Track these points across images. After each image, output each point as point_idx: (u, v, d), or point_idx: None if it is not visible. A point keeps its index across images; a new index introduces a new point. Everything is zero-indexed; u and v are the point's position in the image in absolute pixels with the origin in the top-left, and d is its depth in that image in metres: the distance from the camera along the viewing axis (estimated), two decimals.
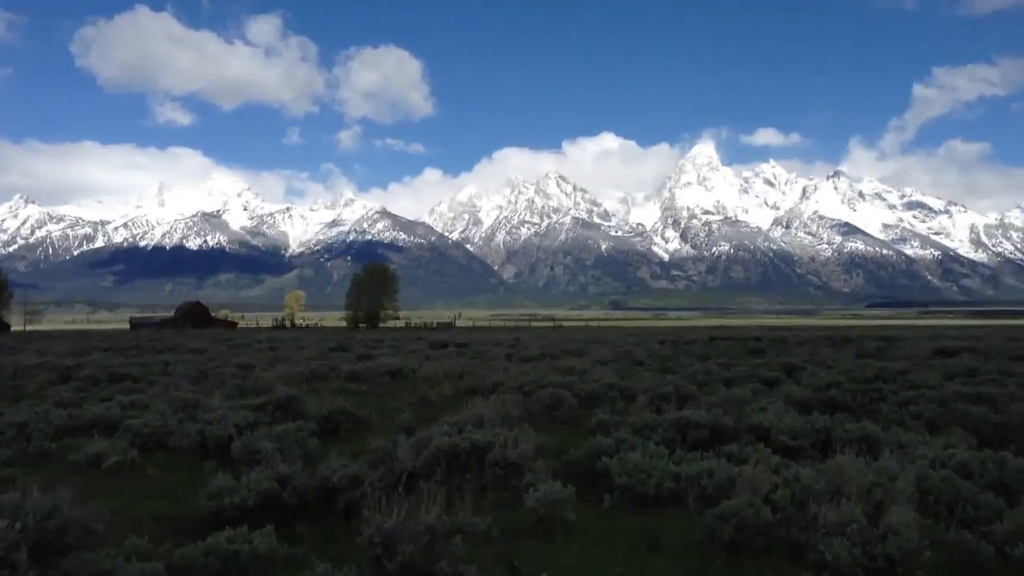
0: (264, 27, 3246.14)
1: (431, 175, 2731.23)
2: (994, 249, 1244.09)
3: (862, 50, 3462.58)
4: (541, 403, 16.96)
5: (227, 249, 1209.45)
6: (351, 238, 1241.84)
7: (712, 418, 12.94)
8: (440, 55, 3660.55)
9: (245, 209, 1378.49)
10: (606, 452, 10.63)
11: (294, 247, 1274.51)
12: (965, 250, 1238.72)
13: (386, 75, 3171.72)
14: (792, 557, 7.40)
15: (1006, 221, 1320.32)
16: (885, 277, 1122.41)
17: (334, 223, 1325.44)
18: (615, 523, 8.72)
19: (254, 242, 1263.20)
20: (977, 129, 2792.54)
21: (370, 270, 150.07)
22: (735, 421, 13.02)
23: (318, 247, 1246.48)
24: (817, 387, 18.72)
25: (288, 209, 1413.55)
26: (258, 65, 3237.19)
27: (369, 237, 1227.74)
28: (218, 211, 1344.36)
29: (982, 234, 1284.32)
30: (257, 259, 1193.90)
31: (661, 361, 30.55)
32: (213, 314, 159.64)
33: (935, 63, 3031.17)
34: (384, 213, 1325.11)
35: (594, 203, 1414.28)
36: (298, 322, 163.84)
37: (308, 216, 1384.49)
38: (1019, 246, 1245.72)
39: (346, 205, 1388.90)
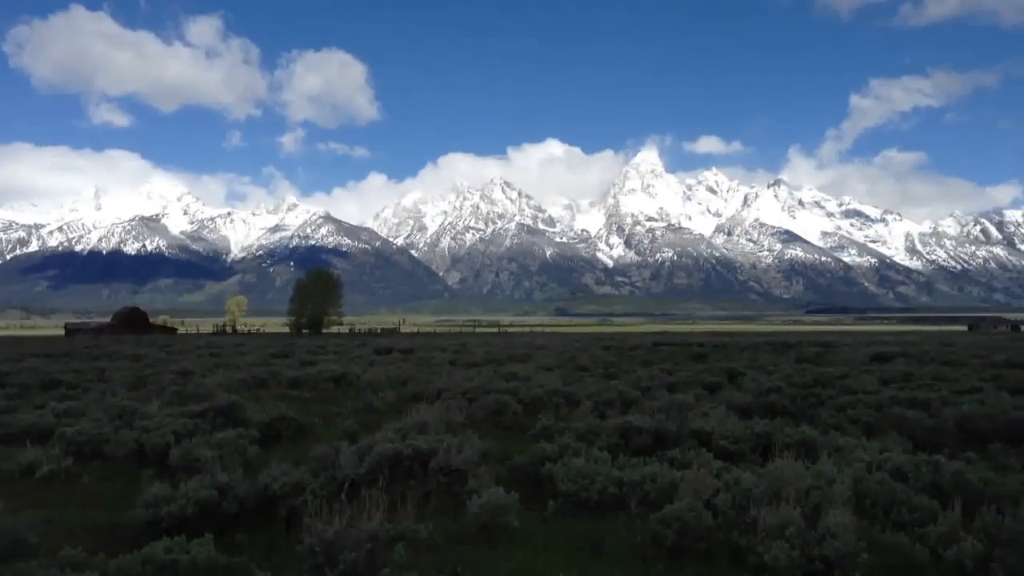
0: (204, 28, 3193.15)
1: (376, 180, 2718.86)
2: (928, 257, 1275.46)
3: (801, 60, 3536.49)
4: (485, 409, 16.93)
5: (166, 254, 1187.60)
6: (294, 243, 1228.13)
7: (655, 423, 13.06)
8: (385, 59, 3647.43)
9: (185, 213, 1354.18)
10: (550, 458, 10.65)
11: (236, 252, 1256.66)
12: (900, 258, 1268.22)
13: (329, 79, 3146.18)
14: (733, 560, 7.48)
15: (939, 230, 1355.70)
16: (824, 284, 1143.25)
17: (277, 228, 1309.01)
18: (559, 529, 8.73)
19: (194, 247, 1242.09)
20: (912, 139, 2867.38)
21: (313, 276, 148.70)
22: (678, 426, 13.14)
23: (260, 252, 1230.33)
24: (758, 392, 18.99)
25: (229, 213, 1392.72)
26: (198, 67, 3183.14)
27: (313, 242, 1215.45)
28: (157, 215, 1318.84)
29: (917, 242, 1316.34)
30: (197, 264, 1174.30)
31: (605, 367, 30.73)
32: (152, 320, 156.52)
33: (871, 74, 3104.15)
34: (328, 218, 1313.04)
35: (539, 209, 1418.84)
36: (240, 328, 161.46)
37: (250, 221, 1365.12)
38: (952, 254, 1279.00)
39: (289, 210, 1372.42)
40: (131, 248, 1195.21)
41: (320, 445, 11.17)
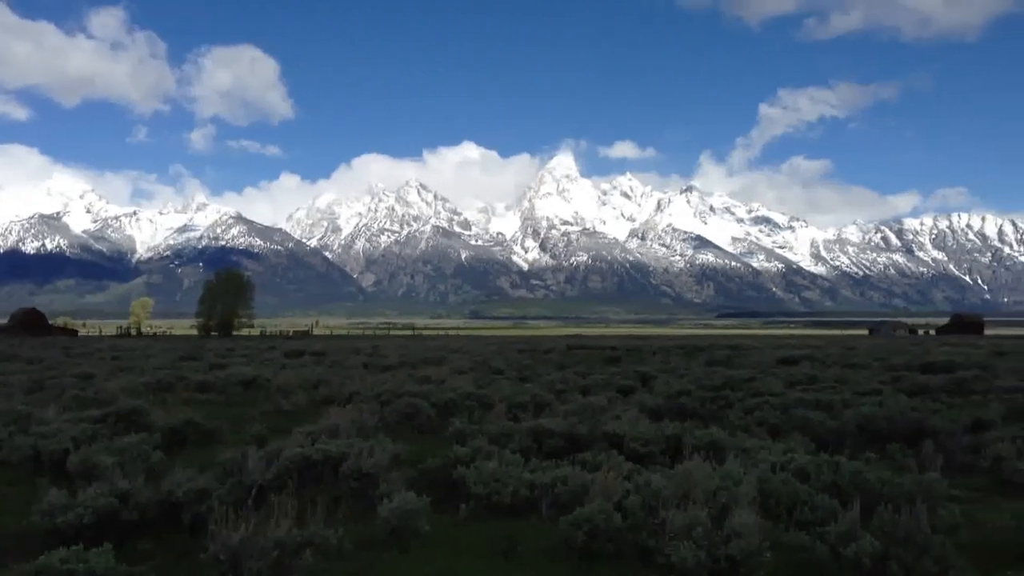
0: (107, 20, 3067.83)
1: (288, 180, 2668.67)
2: (832, 263, 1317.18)
3: (713, 69, 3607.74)
4: (398, 412, 16.82)
5: (68, 253, 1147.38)
6: (204, 244, 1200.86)
7: (568, 426, 13.14)
8: (298, 56, 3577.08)
9: (88, 211, 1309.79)
10: (462, 461, 10.61)
11: (141, 252, 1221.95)
12: (806, 263, 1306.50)
13: (240, 75, 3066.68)
14: (641, 561, 7.56)
15: (843, 236, 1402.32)
16: (734, 288, 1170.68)
17: (185, 228, 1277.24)
18: (471, 532, 8.71)
19: (97, 246, 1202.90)
20: (818, 148, 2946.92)
21: (223, 277, 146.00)
22: (590, 429, 13.25)
23: (168, 253, 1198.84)
24: (669, 395, 19.27)
25: (135, 212, 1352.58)
26: (102, 60, 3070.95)
27: (223, 243, 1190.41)
28: (58, 213, 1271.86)
29: (822, 248, 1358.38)
30: (101, 264, 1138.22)
31: (519, 370, 30.86)
32: (51, 321, 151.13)
33: (779, 84, 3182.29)
34: (239, 218, 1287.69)
35: (455, 212, 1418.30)
36: (145, 330, 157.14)
37: (157, 220, 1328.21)
38: (854, 260, 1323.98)
39: (198, 209, 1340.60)
40: (30, 247, 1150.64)
41: (228, 450, 10.93)
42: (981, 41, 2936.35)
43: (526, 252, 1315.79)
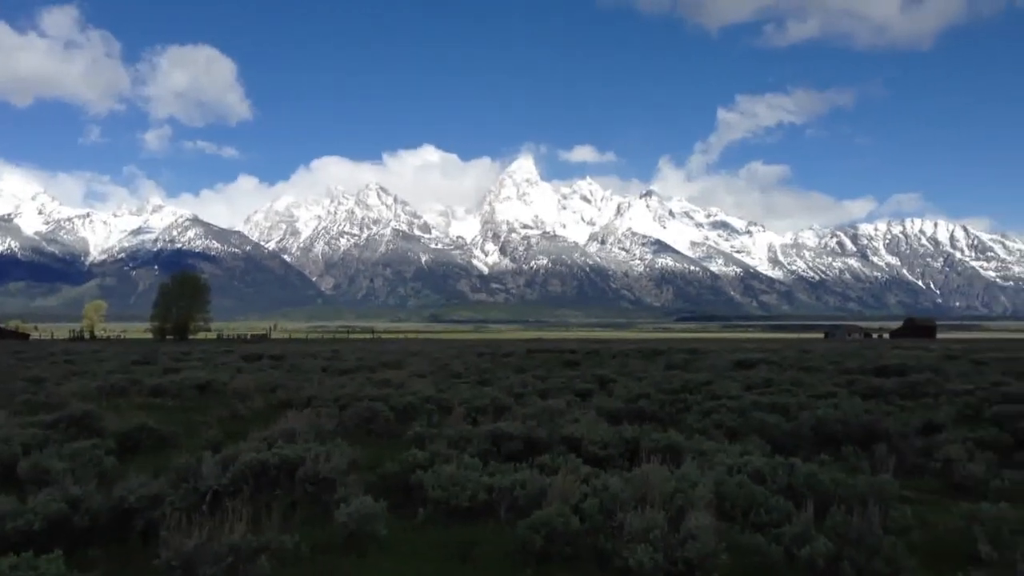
0: (60, 18, 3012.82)
1: (246, 182, 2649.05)
2: (789, 267, 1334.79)
3: (672, 74, 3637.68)
4: (357, 416, 16.70)
5: (19, 256, 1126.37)
6: (159, 246, 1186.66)
7: (526, 430, 13.13)
8: (256, 57, 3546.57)
9: (40, 213, 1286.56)
10: (421, 465, 10.56)
11: (95, 255, 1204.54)
12: (764, 268, 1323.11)
13: (196, 75, 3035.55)
14: (599, 564, 7.58)
15: (799, 241, 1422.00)
16: (692, 292, 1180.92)
17: (140, 230, 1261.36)
18: (428, 536, 8.67)
19: (49, 249, 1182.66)
20: (776, 153, 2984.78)
21: (179, 280, 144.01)
22: (549, 432, 13.25)
23: (122, 255, 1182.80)
24: (628, 398, 19.34)
25: (88, 214, 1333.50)
26: (56, 59, 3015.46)
27: (179, 245, 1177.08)
28: (9, 215, 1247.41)
29: (779, 253, 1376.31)
30: (52, 267, 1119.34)
31: (479, 373, 30.82)
32: (2, 325, 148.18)
33: (738, 90, 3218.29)
34: (195, 221, 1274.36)
35: (415, 215, 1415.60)
36: (98, 334, 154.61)
37: (111, 222, 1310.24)
38: (810, 265, 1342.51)
39: (154, 211, 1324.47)
40: None
41: (182, 455, 10.76)
42: (934, 50, 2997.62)
43: (486, 256, 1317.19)
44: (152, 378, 26.55)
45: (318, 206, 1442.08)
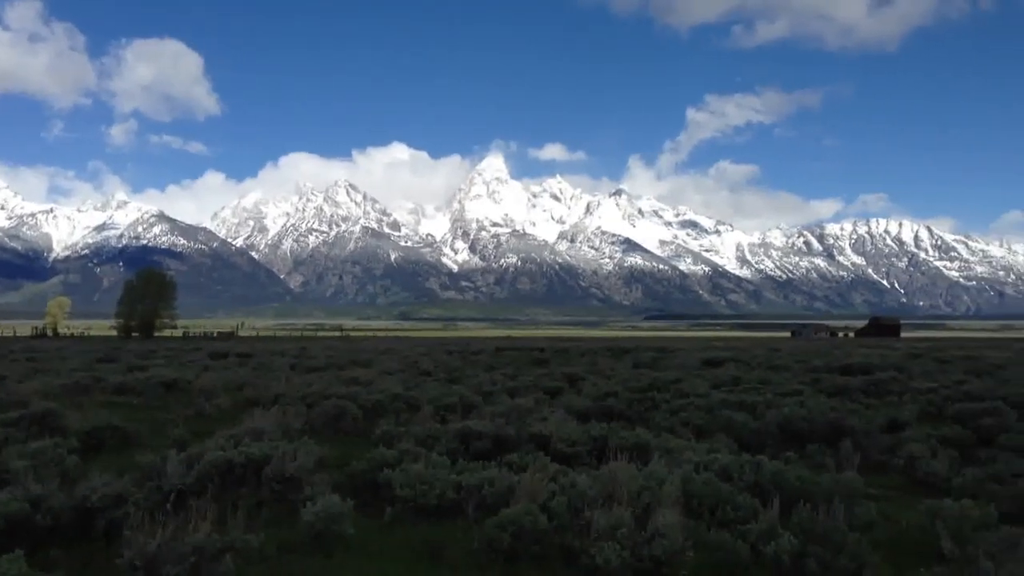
0: (24, 11, 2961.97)
1: (213, 179, 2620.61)
2: (757, 266, 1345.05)
3: (642, 73, 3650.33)
4: (325, 414, 16.61)
5: None
6: (124, 242, 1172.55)
7: (495, 428, 13.12)
8: (223, 51, 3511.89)
9: (2, 208, 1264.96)
10: (389, 464, 10.51)
11: (58, 251, 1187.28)
12: (732, 267, 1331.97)
13: (163, 68, 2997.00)
14: (567, 562, 7.59)
15: (767, 240, 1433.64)
16: (661, 291, 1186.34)
17: (105, 226, 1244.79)
18: (395, 535, 8.63)
19: (12, 244, 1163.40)
20: (745, 153, 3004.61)
21: (144, 276, 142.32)
22: (517, 430, 13.26)
23: (86, 251, 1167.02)
24: (596, 396, 19.41)
25: (52, 210, 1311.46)
26: (19, 52, 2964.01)
27: (144, 242, 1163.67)
28: None
29: (747, 252, 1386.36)
30: (14, 263, 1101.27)
31: (448, 371, 30.78)
32: None
33: (707, 90, 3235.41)
34: (162, 217, 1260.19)
35: (384, 213, 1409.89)
36: (62, 331, 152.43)
37: (75, 218, 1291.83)
38: (778, 264, 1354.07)
39: (119, 207, 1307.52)
40: None
41: (146, 454, 10.64)
42: (900, 52, 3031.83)
43: (456, 253, 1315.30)
44: (116, 376, 26.22)
45: (286, 203, 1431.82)
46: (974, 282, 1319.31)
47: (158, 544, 6.67)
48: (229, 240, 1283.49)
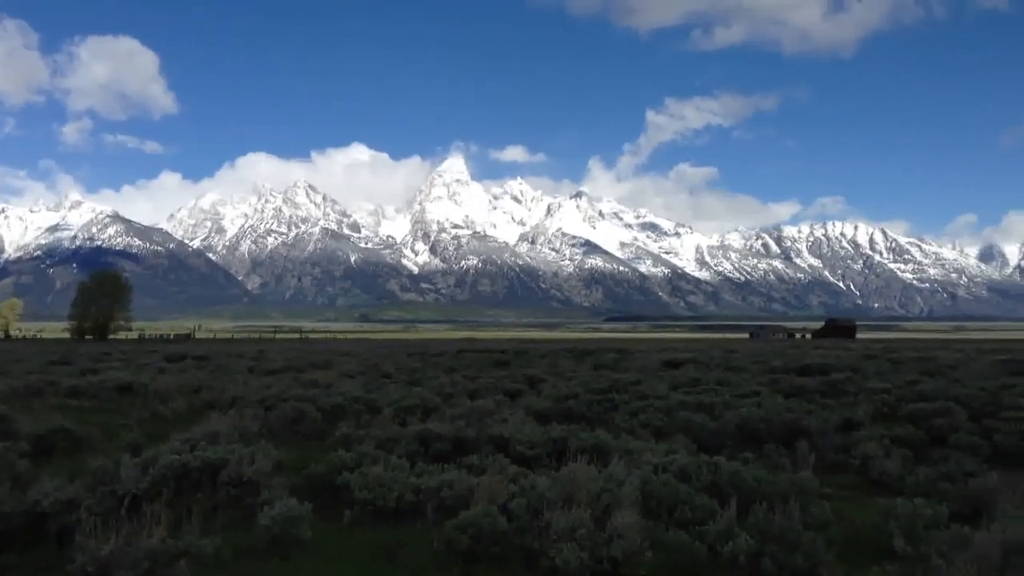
0: None
1: (169, 179, 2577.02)
2: (715, 268, 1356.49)
3: (602, 75, 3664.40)
4: (283, 417, 16.48)
5: None
6: (78, 243, 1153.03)
7: (455, 430, 13.11)
8: (179, 49, 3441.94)
9: None
10: (348, 466, 10.45)
11: (10, 252, 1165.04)
12: (691, 268, 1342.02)
13: (117, 66, 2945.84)
14: (526, 563, 7.59)
15: (726, 242, 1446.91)
16: (621, 293, 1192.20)
17: (58, 227, 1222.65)
18: (354, 539, 8.58)
19: None
20: (704, 155, 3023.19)
21: (99, 278, 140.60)
22: (477, 433, 13.25)
23: (38, 252, 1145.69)
24: (556, 398, 19.45)
25: (3, 210, 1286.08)
26: None
27: (99, 243, 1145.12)
28: None
29: (706, 254, 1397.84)
30: None
31: (408, 374, 30.71)
32: None
33: (667, 92, 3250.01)
34: (116, 217, 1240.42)
35: (344, 214, 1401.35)
36: (13, 333, 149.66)
37: (27, 218, 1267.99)
38: (736, 266, 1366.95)
39: (72, 207, 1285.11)
40: None
41: (100, 458, 10.48)
42: (855, 57, 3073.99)
43: (416, 255, 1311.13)
44: (70, 379, 25.80)
45: (245, 204, 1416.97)
46: (927, 284, 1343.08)
47: (111, 549, 6.57)
48: (186, 241, 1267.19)
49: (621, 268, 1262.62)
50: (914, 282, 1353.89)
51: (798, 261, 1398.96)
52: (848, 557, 7.77)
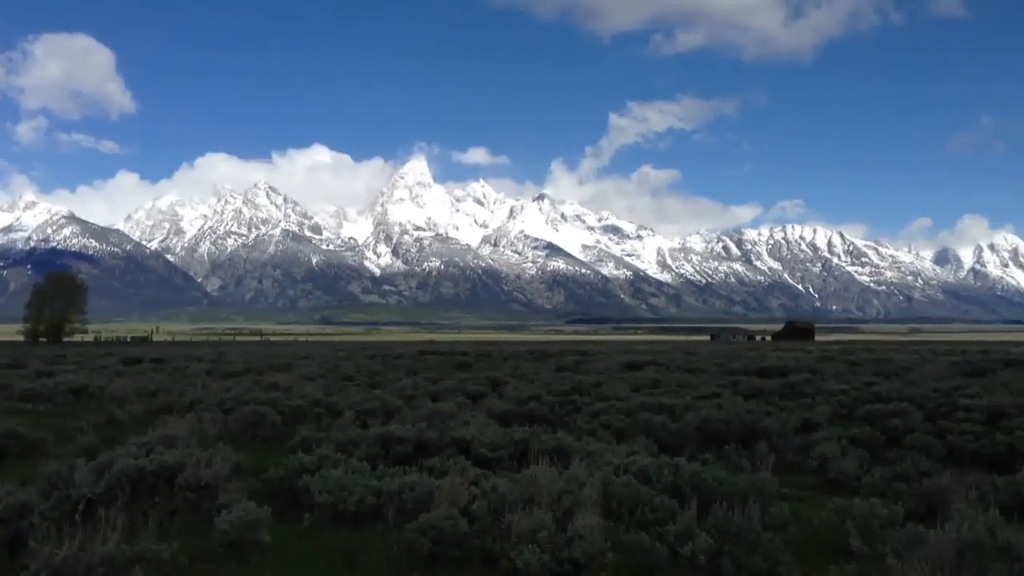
0: None
1: (126, 179, 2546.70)
2: (677, 271, 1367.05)
3: (564, 78, 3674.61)
4: (242, 421, 16.29)
5: None
6: (32, 245, 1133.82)
7: (416, 432, 13.04)
8: (136, 48, 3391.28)
9: None
10: (308, 470, 10.35)
11: None
12: (653, 271, 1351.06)
13: (72, 65, 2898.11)
14: (487, 565, 7.57)
15: (687, 245, 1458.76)
16: (583, 295, 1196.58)
17: (11, 228, 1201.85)
18: (314, 542, 8.51)
19: None
20: (666, 158, 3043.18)
21: (53, 279, 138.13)
22: (439, 435, 13.20)
23: None
24: (518, 400, 19.44)
25: None
26: None
27: (54, 244, 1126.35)
28: None
29: (667, 257, 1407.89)
30: None
31: (370, 376, 30.54)
32: None
33: (629, 96, 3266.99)
34: (72, 218, 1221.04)
35: (305, 216, 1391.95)
36: None
37: None
38: (698, 269, 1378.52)
39: (26, 208, 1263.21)
40: None
41: (53, 463, 10.29)
42: (814, 62, 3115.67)
43: (378, 257, 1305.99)
44: (23, 382, 25.28)
45: (204, 205, 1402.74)
46: (884, 287, 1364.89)
47: (65, 556, 6.45)
48: (143, 242, 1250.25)
49: (583, 270, 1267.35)
50: (871, 284, 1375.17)
51: (758, 264, 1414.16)
52: (806, 557, 7.84)
